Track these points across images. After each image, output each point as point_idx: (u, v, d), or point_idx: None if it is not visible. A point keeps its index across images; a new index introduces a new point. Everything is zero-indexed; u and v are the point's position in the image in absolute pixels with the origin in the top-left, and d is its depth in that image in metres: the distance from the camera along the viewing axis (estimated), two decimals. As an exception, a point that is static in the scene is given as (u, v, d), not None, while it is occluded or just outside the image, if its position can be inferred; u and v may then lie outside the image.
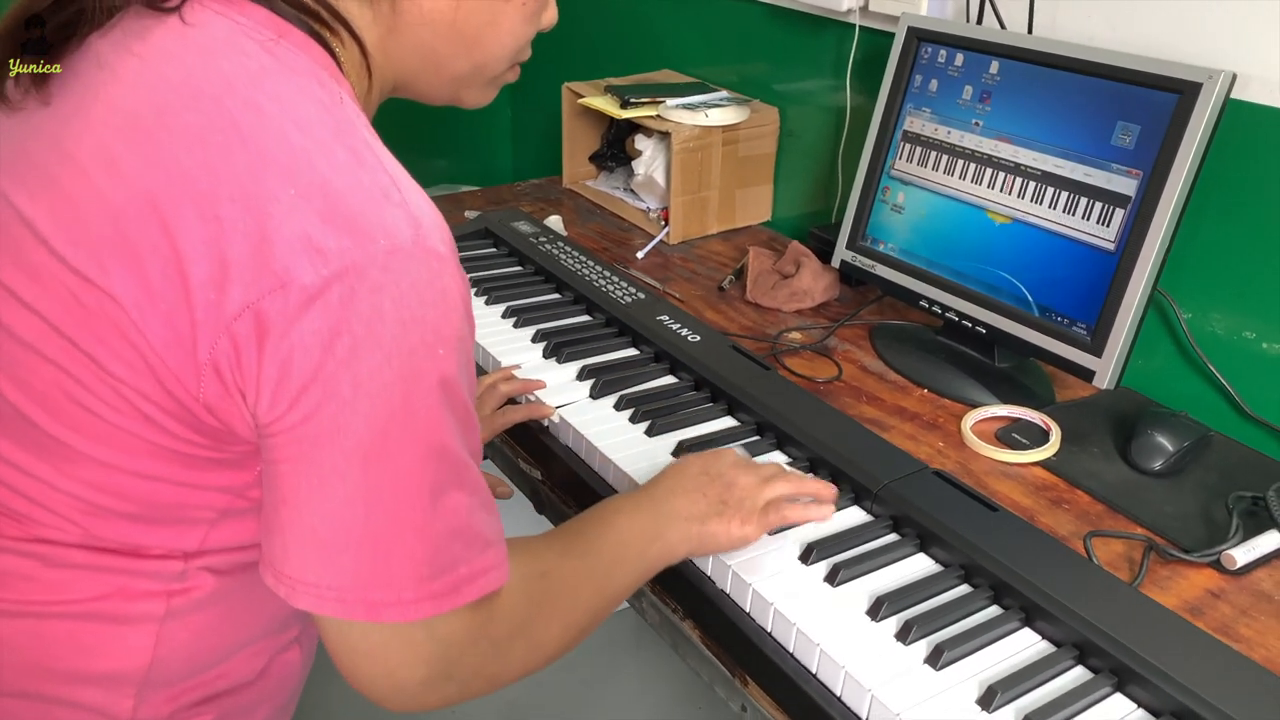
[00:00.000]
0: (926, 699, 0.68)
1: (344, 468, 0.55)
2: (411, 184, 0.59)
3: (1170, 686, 0.68)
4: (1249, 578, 0.87)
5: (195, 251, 0.53)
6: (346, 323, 0.53)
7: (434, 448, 0.57)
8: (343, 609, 0.57)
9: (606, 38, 1.94)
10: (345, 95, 0.60)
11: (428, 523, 0.57)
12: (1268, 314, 1.06)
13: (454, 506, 0.58)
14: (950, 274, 1.17)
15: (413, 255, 0.55)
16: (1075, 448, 1.03)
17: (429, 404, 0.56)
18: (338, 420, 0.54)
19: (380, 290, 0.53)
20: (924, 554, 0.83)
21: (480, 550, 0.60)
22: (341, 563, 0.56)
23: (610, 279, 1.26)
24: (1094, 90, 1.03)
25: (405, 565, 0.57)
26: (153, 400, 0.57)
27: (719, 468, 0.81)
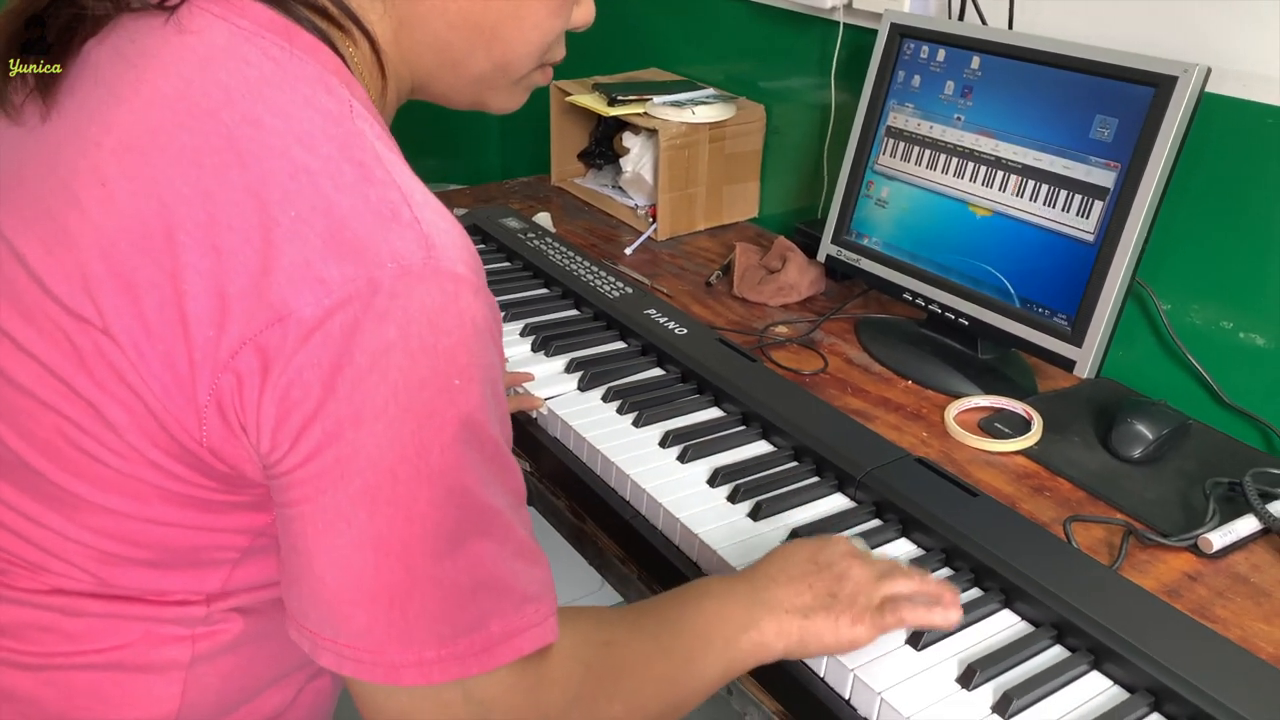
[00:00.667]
0: (907, 678, 0.69)
1: (350, 513, 0.50)
2: (428, 199, 0.54)
3: (1146, 664, 0.69)
4: (1225, 561, 0.88)
5: (193, 286, 0.50)
6: (349, 355, 0.49)
7: (451, 491, 0.52)
8: (361, 669, 0.52)
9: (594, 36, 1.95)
10: (356, 103, 0.56)
11: (447, 574, 0.52)
12: (1244, 304, 1.08)
13: (478, 557, 0.53)
14: (933, 267, 1.19)
15: (424, 278, 0.50)
16: (1057, 436, 1.05)
17: (443, 442, 0.51)
18: (342, 461, 0.50)
19: (385, 318, 0.49)
20: (906, 539, 0.85)
21: (516, 605, 0.54)
22: (355, 618, 0.52)
23: (598, 274, 1.27)
24: (1073, 84, 1.05)
25: (422, 621, 0.52)
26: (159, 446, 0.54)
27: (830, 556, 0.70)
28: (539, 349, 1.13)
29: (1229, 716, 0.65)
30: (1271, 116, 1.02)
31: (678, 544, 0.86)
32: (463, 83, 0.66)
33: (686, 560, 0.85)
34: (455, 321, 0.51)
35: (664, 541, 0.87)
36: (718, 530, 0.84)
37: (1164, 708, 0.68)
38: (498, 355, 0.55)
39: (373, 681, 0.53)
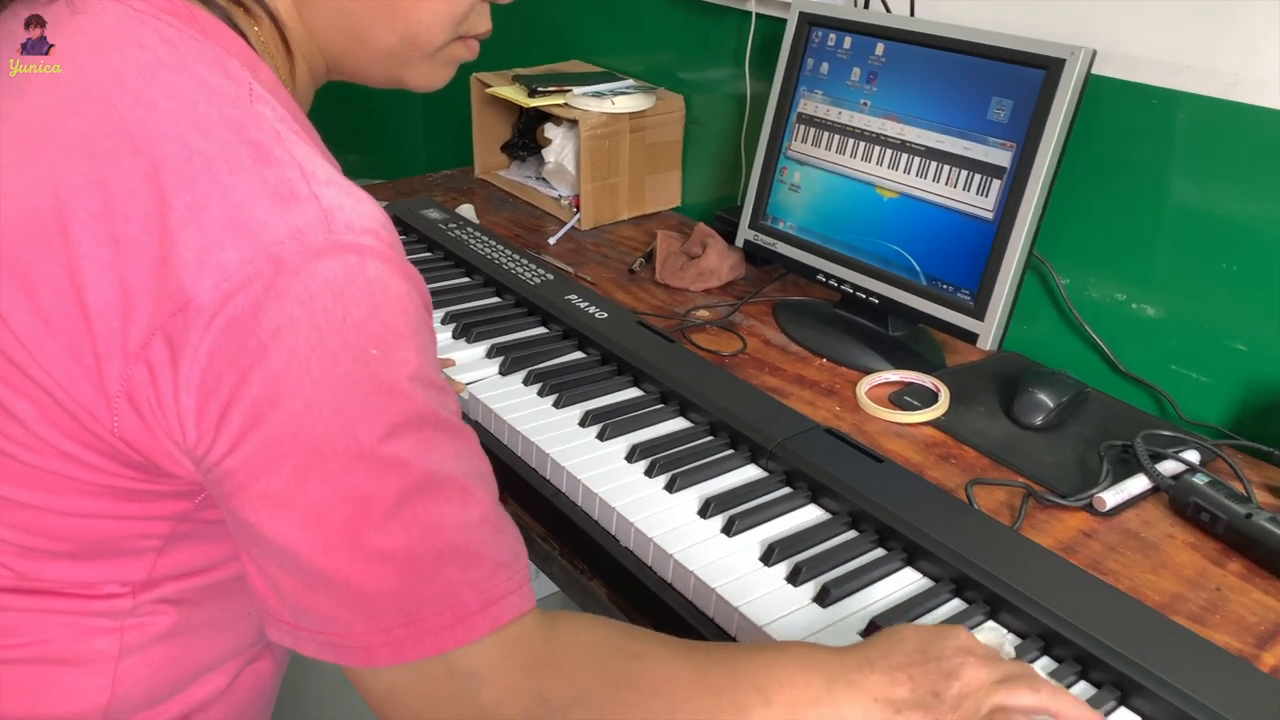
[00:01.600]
0: (814, 634, 0.72)
1: (287, 496, 0.49)
2: (333, 176, 0.53)
3: (1038, 612, 0.73)
4: (1119, 518, 0.93)
5: (92, 278, 0.49)
6: (255, 336, 0.48)
7: (387, 462, 0.50)
8: (339, 654, 0.51)
9: (515, 29, 1.96)
10: (258, 84, 0.55)
11: (400, 547, 0.50)
12: (1136, 277, 1.13)
13: (432, 525, 0.51)
14: (845, 248, 1.23)
15: (324, 252, 0.49)
16: (963, 407, 1.09)
17: (369, 413, 0.49)
18: (269, 444, 0.49)
19: (286, 295, 0.48)
20: (815, 504, 0.88)
21: (488, 573, 0.52)
22: (318, 603, 0.50)
23: (521, 263, 1.29)
24: (971, 68, 1.09)
25: (383, 598, 0.50)
26: (71, 437, 0.53)
27: (942, 649, 0.59)
28: (460, 336, 1.14)
29: (1112, 656, 0.69)
30: (1155, 97, 1.07)
31: (596, 519, 0.88)
32: (373, 58, 0.64)
33: (605, 534, 0.87)
34: (363, 292, 0.50)
35: (584, 517, 0.89)
36: (635, 503, 0.86)
37: (1053, 651, 0.72)
38: (416, 319, 0.53)
39: (351, 665, 0.51)
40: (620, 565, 0.84)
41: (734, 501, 0.86)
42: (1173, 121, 1.06)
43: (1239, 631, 0.79)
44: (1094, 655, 0.69)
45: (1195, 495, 0.91)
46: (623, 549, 0.85)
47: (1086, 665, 0.70)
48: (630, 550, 0.84)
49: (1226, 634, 0.79)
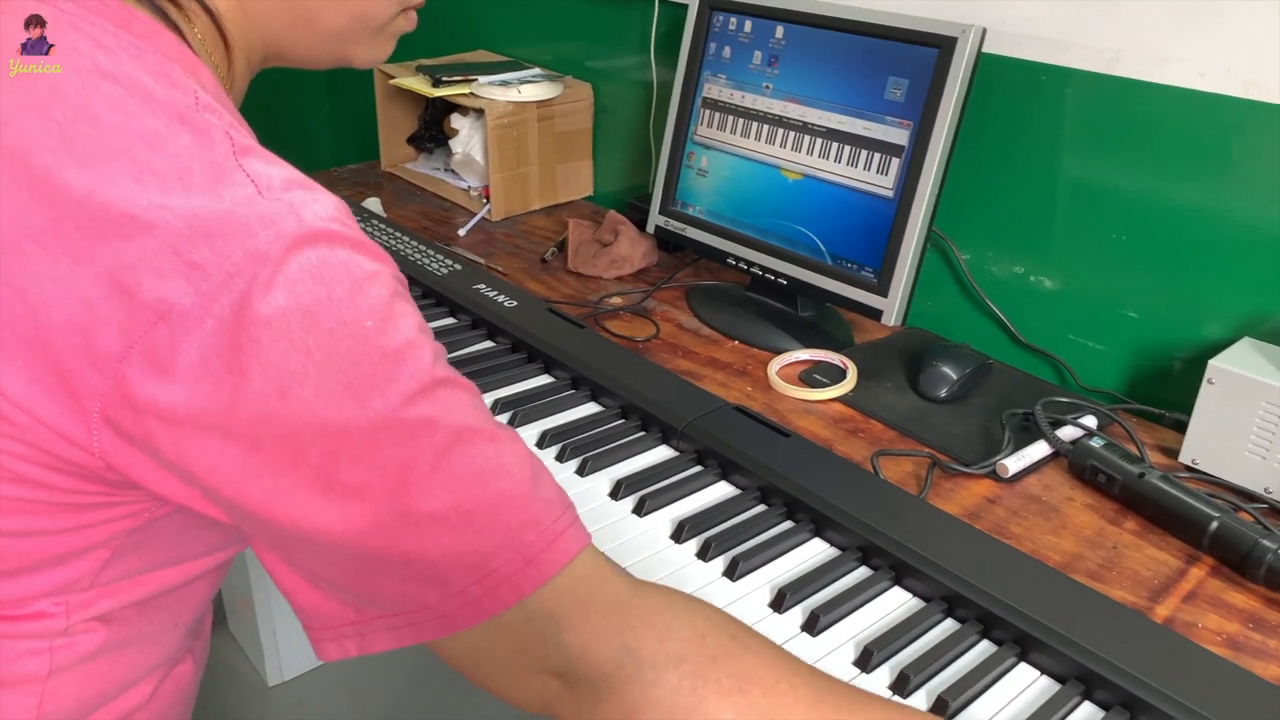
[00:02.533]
0: (724, 606, 0.72)
1: (322, 485, 0.48)
2: (285, 175, 0.53)
3: (942, 576, 0.75)
4: (1021, 484, 0.96)
5: (49, 296, 0.47)
6: (247, 333, 0.47)
7: (412, 426, 0.49)
8: (420, 631, 0.50)
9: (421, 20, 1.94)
10: (202, 90, 0.53)
11: (450, 505, 0.49)
12: (1033, 250, 1.16)
13: (476, 475, 0.50)
14: (753, 231, 1.23)
15: (299, 241, 0.49)
16: (871, 383, 1.11)
17: (379, 384, 0.49)
18: (287, 439, 0.47)
19: (271, 286, 0.47)
20: (725, 481, 0.88)
21: (543, 510, 0.51)
22: (386, 588, 0.50)
23: (429, 254, 1.27)
24: (867, 49, 1.11)
25: (450, 561, 0.49)
26: (28, 460, 0.50)
27: None
28: (365, 328, 1.12)
29: (1012, 614, 0.71)
30: (1045, 73, 1.10)
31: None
32: (321, 40, 0.63)
33: (516, 520, 0.86)
34: (342, 271, 0.49)
35: (494, 505, 0.88)
36: (545, 488, 0.85)
37: (956, 612, 0.74)
38: (393, 286, 0.52)
39: (435, 638, 0.50)
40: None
41: (645, 482, 0.86)
42: (1062, 97, 1.10)
43: (1134, 586, 0.82)
44: (995, 614, 0.71)
45: (1092, 458, 0.94)
46: (534, 535, 0.84)
47: (988, 625, 0.72)
48: (541, 536, 0.83)
49: (1123, 589, 0.81)
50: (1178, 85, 1.00)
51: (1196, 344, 1.05)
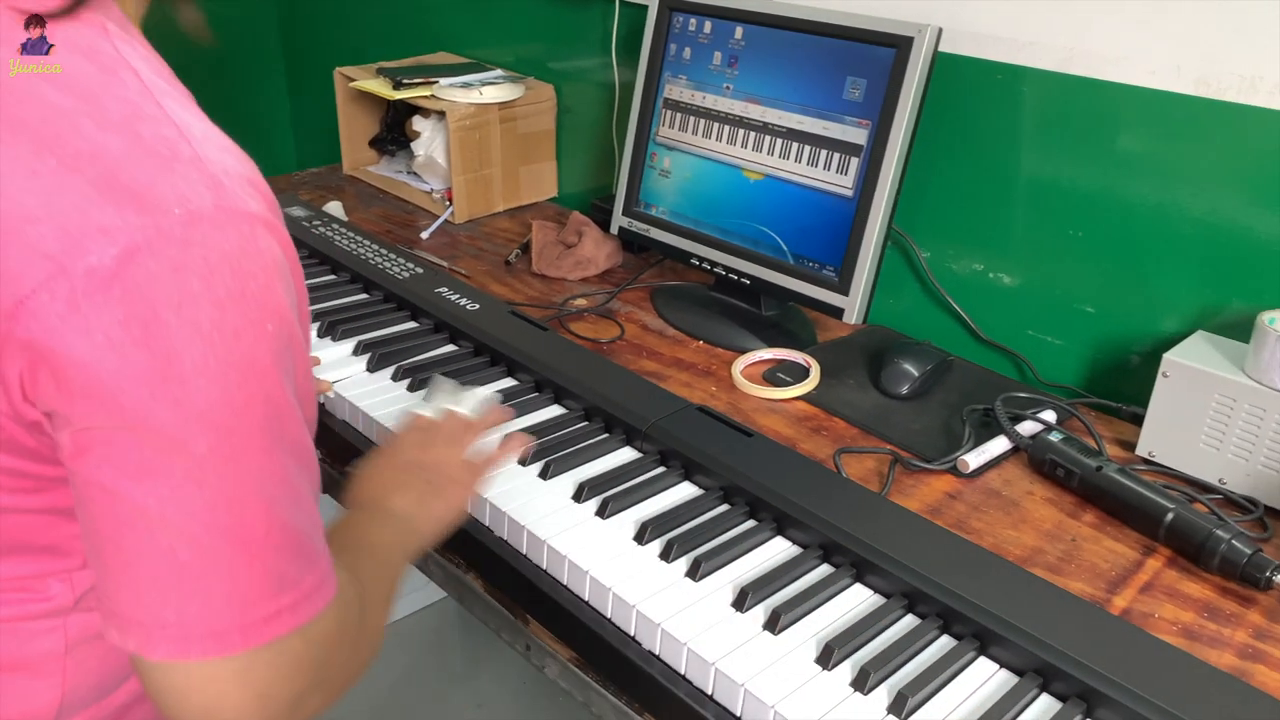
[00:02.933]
0: (686, 607, 0.73)
1: (196, 474, 0.48)
2: (209, 132, 0.51)
3: (903, 572, 0.75)
4: (981, 479, 0.96)
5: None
6: (153, 311, 0.45)
7: (281, 438, 0.51)
8: (223, 643, 0.50)
9: (381, 22, 1.93)
10: (112, 23, 0.51)
11: (292, 519, 0.51)
12: (992, 247, 1.17)
13: (305, 496, 0.53)
14: (716, 231, 1.24)
15: (218, 223, 0.47)
16: (833, 381, 1.11)
17: (267, 390, 0.49)
18: (165, 425, 0.47)
19: (184, 269, 0.46)
20: (688, 482, 0.88)
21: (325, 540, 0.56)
22: (215, 587, 0.49)
23: (391, 258, 1.26)
24: (826, 49, 1.12)
25: (278, 570, 0.51)
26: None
27: (403, 462, 0.78)
28: (325, 334, 1.11)
29: (971, 609, 0.71)
30: (1001, 72, 1.11)
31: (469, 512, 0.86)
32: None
33: (479, 525, 0.85)
34: (257, 264, 0.49)
35: (457, 510, 0.87)
36: (508, 492, 0.85)
37: (916, 608, 0.74)
38: (301, 290, 0.53)
39: (230, 653, 0.50)
40: (496, 556, 0.83)
41: (608, 484, 0.86)
42: (1018, 96, 1.11)
43: (1093, 578, 0.83)
44: (954, 610, 0.71)
45: (1051, 452, 0.95)
46: (497, 539, 0.84)
47: (948, 620, 0.72)
48: (505, 540, 0.83)
49: (1081, 581, 0.82)
50: (1129, 83, 1.02)
51: (1152, 338, 1.07)
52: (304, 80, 2.18)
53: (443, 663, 1.92)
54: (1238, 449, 0.92)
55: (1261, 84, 0.93)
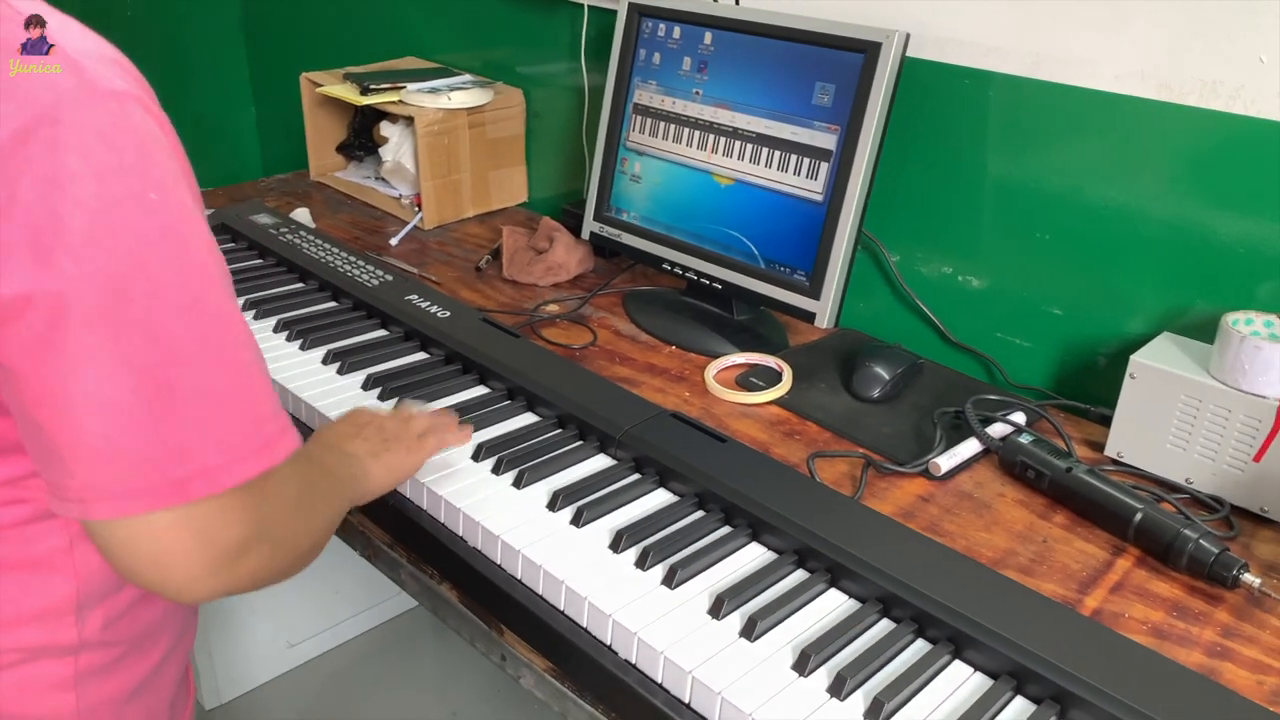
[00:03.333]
0: (663, 615, 0.72)
1: (95, 346, 0.50)
2: (63, 21, 0.54)
3: (877, 577, 0.75)
4: (953, 481, 0.97)
5: None
6: (35, 191, 0.48)
7: (192, 301, 0.53)
8: (154, 497, 0.53)
9: (347, 27, 1.91)
10: None
11: (212, 380, 0.55)
12: (960, 251, 1.18)
13: (237, 361, 0.56)
14: (687, 236, 1.24)
15: (85, 103, 0.50)
16: (805, 385, 1.11)
17: (164, 255, 0.52)
18: (68, 298, 0.49)
19: (60, 148, 0.49)
20: (663, 489, 0.88)
21: (278, 405, 0.59)
22: (130, 449, 0.52)
23: (359, 265, 1.25)
24: (795, 54, 1.12)
25: (196, 430, 0.54)
26: None
27: (362, 418, 0.84)
28: (293, 341, 1.09)
29: (946, 613, 0.71)
30: (968, 77, 1.12)
31: (443, 520, 0.86)
32: None
33: (453, 535, 0.84)
34: (131, 139, 0.51)
35: (430, 520, 0.86)
36: (481, 502, 0.84)
37: (892, 613, 0.74)
38: (180, 161, 0.55)
39: (163, 506, 0.53)
40: (470, 566, 0.82)
41: (583, 492, 0.85)
42: (985, 100, 1.12)
43: (1064, 579, 0.84)
44: (929, 614, 0.72)
45: (1022, 454, 0.95)
46: (470, 549, 0.83)
47: (923, 624, 0.73)
48: (479, 550, 0.83)
49: (1053, 582, 0.83)
50: (1095, 88, 1.03)
51: (1119, 339, 1.08)
52: (268, 85, 2.16)
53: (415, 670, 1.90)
54: (1204, 449, 0.93)
55: (1222, 88, 0.95)
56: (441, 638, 1.97)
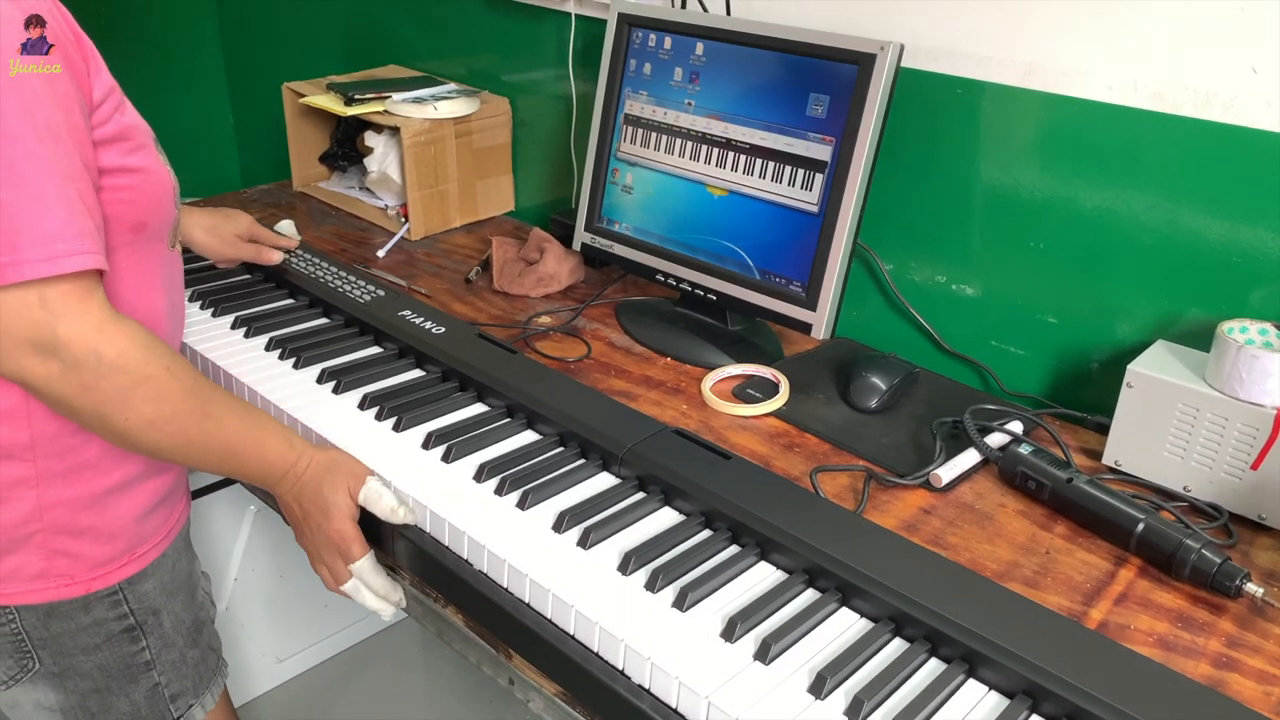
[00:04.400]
0: (674, 639, 0.72)
1: None
2: None
3: (889, 596, 0.75)
4: (954, 493, 0.97)
5: None
6: None
7: None
8: None
9: (327, 35, 1.89)
10: None
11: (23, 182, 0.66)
12: (953, 259, 1.19)
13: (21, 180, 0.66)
14: (681, 247, 1.23)
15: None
16: (803, 396, 1.11)
17: None
18: None
19: None
20: (669, 507, 0.88)
21: (82, 230, 0.69)
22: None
23: (349, 280, 1.23)
24: (788, 66, 1.12)
25: None
26: None
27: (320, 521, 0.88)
28: (286, 359, 1.08)
29: (959, 632, 0.72)
30: (960, 87, 1.12)
31: (447, 544, 0.85)
32: None
33: (457, 559, 0.84)
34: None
35: (433, 544, 0.85)
36: (486, 525, 0.84)
37: (904, 631, 0.74)
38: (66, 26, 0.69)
39: None
40: (475, 590, 0.81)
41: (588, 513, 0.85)
42: (977, 109, 1.12)
43: (1069, 591, 0.84)
44: (943, 633, 0.72)
45: (1022, 465, 0.96)
46: (476, 573, 0.82)
47: (936, 643, 0.73)
48: (485, 574, 0.82)
49: (1058, 595, 0.84)
50: (1088, 98, 1.03)
51: (1113, 347, 1.09)
52: (246, 94, 2.13)
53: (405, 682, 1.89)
54: (1201, 457, 0.94)
55: (1216, 99, 0.95)
56: (430, 649, 1.95)
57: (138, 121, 0.80)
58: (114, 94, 0.76)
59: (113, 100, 0.76)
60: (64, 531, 0.82)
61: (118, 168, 0.76)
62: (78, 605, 0.85)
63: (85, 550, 0.84)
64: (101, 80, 0.75)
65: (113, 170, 0.76)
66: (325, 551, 0.87)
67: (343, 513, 0.85)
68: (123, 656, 0.89)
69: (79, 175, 0.71)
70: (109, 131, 0.75)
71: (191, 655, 0.95)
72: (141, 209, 0.79)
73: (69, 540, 0.83)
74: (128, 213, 0.78)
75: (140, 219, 0.79)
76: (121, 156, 0.76)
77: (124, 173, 0.77)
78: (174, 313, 0.89)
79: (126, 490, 0.85)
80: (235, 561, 1.60)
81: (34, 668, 0.86)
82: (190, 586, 0.95)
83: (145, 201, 0.79)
